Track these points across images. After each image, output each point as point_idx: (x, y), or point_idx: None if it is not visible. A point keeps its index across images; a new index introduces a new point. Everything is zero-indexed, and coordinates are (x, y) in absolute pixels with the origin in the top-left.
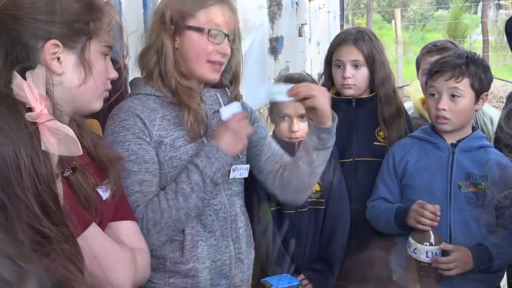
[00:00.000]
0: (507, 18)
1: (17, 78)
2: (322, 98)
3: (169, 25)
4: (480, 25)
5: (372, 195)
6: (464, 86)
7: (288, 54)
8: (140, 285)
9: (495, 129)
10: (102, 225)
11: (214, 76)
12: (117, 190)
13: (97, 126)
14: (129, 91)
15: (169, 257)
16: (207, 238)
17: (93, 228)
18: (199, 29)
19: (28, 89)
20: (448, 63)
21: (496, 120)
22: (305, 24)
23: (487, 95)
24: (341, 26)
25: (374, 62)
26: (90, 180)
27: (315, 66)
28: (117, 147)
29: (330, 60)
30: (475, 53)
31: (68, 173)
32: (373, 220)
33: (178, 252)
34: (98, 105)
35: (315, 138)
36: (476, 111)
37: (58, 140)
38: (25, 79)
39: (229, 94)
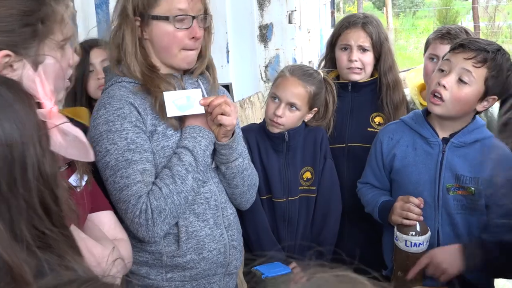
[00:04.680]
0: (498, 4)
1: (27, 68)
2: (233, 117)
3: (133, 17)
4: (471, 11)
5: (362, 177)
6: (478, 75)
7: (278, 41)
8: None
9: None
10: (82, 218)
11: (189, 65)
12: (88, 178)
13: (85, 115)
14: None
15: (165, 251)
16: (202, 228)
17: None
18: (164, 18)
19: (40, 83)
20: (477, 42)
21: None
22: (295, 10)
23: (494, 99)
24: (332, 13)
25: (382, 48)
26: (64, 182)
27: (305, 53)
28: (114, 136)
29: (334, 43)
30: (509, 55)
31: (65, 168)
32: (362, 202)
33: (174, 245)
34: (60, 96)
35: (218, 153)
36: (476, 112)
37: (67, 143)
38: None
39: (209, 79)
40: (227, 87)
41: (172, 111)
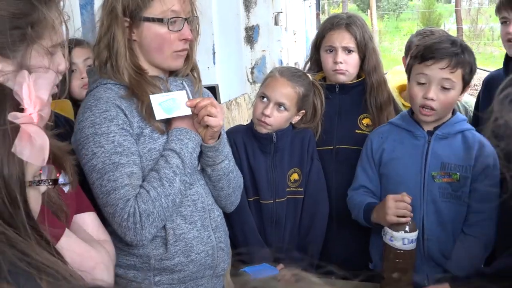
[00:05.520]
0: (480, 7)
1: (22, 76)
2: (220, 119)
3: (122, 18)
4: (454, 14)
5: (353, 183)
6: (457, 77)
7: (264, 43)
8: None
9: (469, 115)
10: (69, 219)
11: (178, 64)
12: (74, 181)
13: (69, 108)
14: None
15: (153, 254)
16: (189, 230)
17: (67, 237)
18: (157, 20)
19: (27, 90)
20: (445, 50)
21: (470, 106)
22: (281, 12)
23: (469, 86)
24: (317, 15)
25: (366, 48)
26: (56, 187)
27: (291, 55)
28: (101, 139)
29: (319, 45)
30: (465, 43)
31: (46, 184)
32: (350, 210)
33: (162, 248)
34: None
35: (204, 155)
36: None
37: (31, 147)
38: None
39: (194, 81)
40: (214, 88)
41: (159, 114)
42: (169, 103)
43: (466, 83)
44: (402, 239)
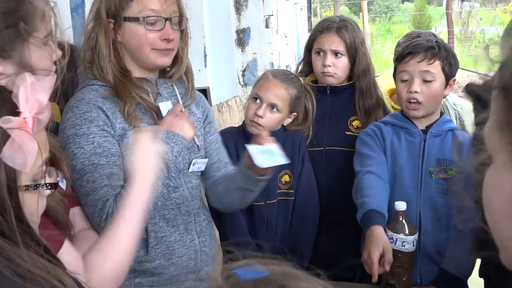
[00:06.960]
0: (471, 10)
1: (21, 79)
2: None
3: (105, 20)
4: (445, 17)
5: (362, 162)
6: (436, 69)
7: (255, 45)
8: None
9: (459, 115)
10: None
11: (164, 61)
12: (69, 180)
13: (56, 110)
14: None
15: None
16: (171, 233)
17: (66, 248)
18: (135, 19)
19: (24, 92)
20: (420, 45)
21: (462, 109)
22: (272, 15)
23: (454, 80)
24: (308, 18)
25: (356, 52)
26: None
27: (282, 58)
28: (80, 140)
29: (310, 47)
30: (442, 39)
31: (43, 188)
32: (355, 192)
33: (143, 250)
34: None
35: (251, 182)
36: (444, 96)
37: (19, 153)
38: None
39: (185, 84)
40: (205, 91)
41: (263, 162)
42: (267, 154)
43: (447, 76)
44: (402, 242)
